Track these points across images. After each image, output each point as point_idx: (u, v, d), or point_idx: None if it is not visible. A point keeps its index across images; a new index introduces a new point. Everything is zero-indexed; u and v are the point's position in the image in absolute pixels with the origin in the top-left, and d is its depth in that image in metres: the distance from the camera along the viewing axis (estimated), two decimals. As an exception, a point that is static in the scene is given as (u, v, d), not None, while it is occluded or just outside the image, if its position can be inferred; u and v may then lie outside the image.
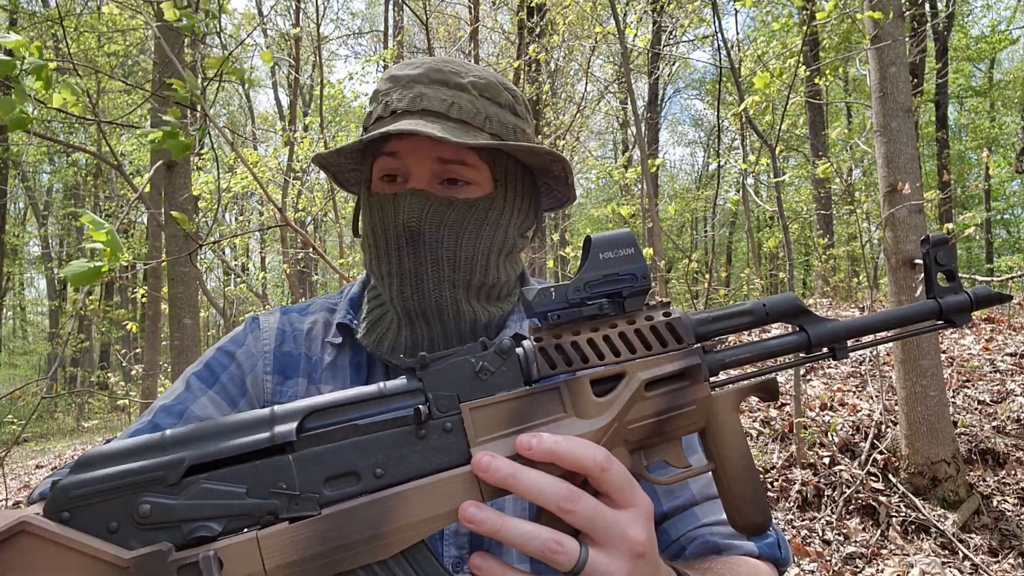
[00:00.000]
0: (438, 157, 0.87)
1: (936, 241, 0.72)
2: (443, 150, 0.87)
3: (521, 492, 0.57)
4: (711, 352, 0.68)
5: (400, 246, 0.87)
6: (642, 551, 0.59)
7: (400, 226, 0.86)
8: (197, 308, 5.07)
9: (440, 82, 0.90)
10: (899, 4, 3.95)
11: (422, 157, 0.88)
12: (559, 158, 0.92)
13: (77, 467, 0.53)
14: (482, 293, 0.91)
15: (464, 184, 0.89)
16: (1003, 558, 3.41)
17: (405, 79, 0.91)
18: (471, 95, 0.91)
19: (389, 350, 0.89)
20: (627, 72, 5.95)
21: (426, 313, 0.88)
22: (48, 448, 10.54)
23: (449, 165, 0.88)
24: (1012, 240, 19.64)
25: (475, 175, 0.89)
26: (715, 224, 11.10)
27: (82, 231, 19.89)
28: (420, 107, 0.87)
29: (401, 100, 0.89)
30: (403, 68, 0.94)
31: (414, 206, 0.86)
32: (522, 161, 0.96)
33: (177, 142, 2.03)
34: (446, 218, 0.87)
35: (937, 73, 11.65)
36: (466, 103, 0.89)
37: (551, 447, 0.58)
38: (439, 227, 0.87)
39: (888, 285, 3.99)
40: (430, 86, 0.90)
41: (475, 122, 0.89)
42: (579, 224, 17.79)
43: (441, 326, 0.88)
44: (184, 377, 0.93)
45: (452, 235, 0.87)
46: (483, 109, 0.90)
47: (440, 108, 0.87)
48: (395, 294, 0.88)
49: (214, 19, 2.32)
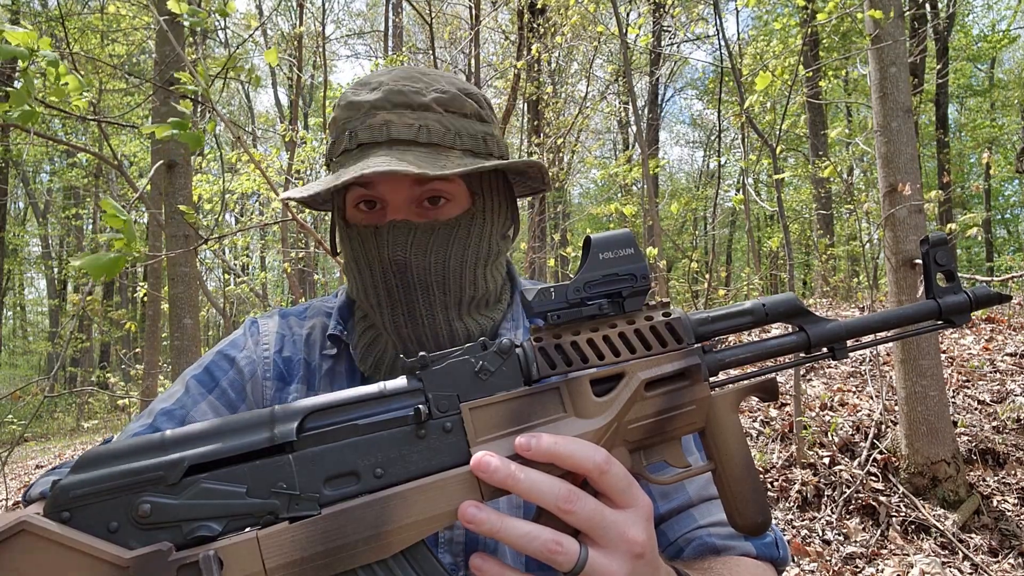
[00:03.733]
0: (414, 182, 0.85)
1: (935, 241, 0.72)
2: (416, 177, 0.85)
3: (521, 492, 0.57)
4: (711, 352, 0.68)
5: (388, 279, 0.86)
6: (641, 551, 0.59)
7: (386, 261, 0.84)
8: (197, 308, 5.07)
9: (402, 105, 0.86)
10: (899, 4, 3.94)
11: (397, 185, 0.85)
12: (533, 163, 0.91)
13: (77, 467, 0.53)
14: (472, 307, 0.90)
15: (444, 202, 0.87)
16: (1003, 558, 3.41)
17: (365, 106, 0.87)
18: (437, 113, 0.87)
19: (387, 372, 0.89)
20: (628, 72, 5.95)
21: (420, 339, 0.87)
22: (48, 448, 10.54)
23: (426, 184, 0.86)
24: (1012, 240, 19.63)
25: (453, 189, 0.87)
26: (715, 224, 11.10)
27: (82, 231, 19.90)
28: (387, 137, 0.84)
29: (365, 131, 0.85)
30: (360, 92, 0.89)
31: (398, 239, 0.84)
32: None
33: (189, 134, 2.02)
34: (431, 244, 0.85)
35: (937, 73, 11.64)
36: (434, 124, 0.86)
37: (549, 447, 0.58)
38: (425, 255, 0.85)
39: (888, 285, 3.99)
40: (393, 111, 0.86)
41: (445, 142, 0.86)
42: (579, 224, 17.77)
43: (437, 348, 0.87)
44: (183, 379, 0.92)
45: (439, 260, 0.86)
46: (451, 126, 0.87)
47: (408, 135, 0.84)
48: (388, 323, 0.87)
49: (223, 16, 2.32)
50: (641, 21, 6.96)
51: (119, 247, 1.69)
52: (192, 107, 2.16)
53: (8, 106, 1.81)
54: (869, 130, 5.57)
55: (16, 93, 1.80)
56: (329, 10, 19.58)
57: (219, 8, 2.32)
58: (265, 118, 17.72)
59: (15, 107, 1.80)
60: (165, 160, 4.78)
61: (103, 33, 10.51)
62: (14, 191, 20.39)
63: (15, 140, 13.02)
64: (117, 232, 1.71)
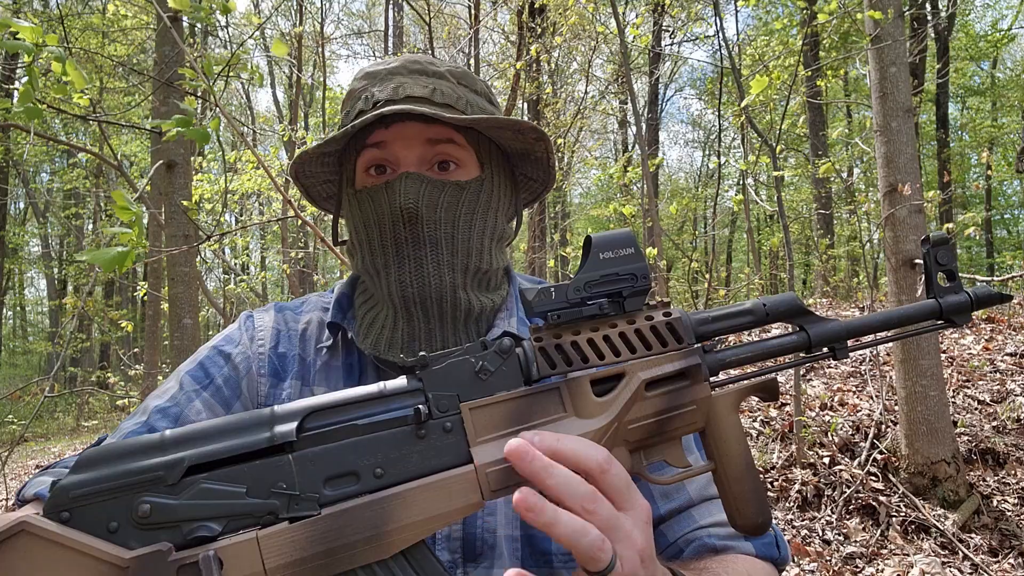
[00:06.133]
0: (427, 139, 0.87)
1: (936, 241, 0.72)
2: (431, 131, 0.87)
3: (549, 487, 0.56)
4: (711, 352, 0.68)
5: (397, 231, 0.86)
6: (644, 556, 0.60)
7: (397, 210, 0.85)
8: (197, 308, 5.07)
9: (418, 72, 0.91)
10: (899, 4, 3.94)
11: (410, 142, 0.87)
12: (542, 135, 0.93)
13: (77, 467, 0.53)
14: (476, 279, 0.91)
15: (455, 167, 0.89)
16: (1003, 558, 3.41)
17: (382, 73, 0.91)
18: (450, 82, 0.92)
19: (387, 347, 0.88)
20: (627, 72, 5.95)
21: (426, 302, 0.86)
22: (48, 448, 10.54)
23: (439, 146, 0.88)
24: (1012, 239, 19.63)
25: (463, 155, 0.90)
26: (715, 224, 11.10)
27: (82, 231, 19.89)
28: (403, 95, 0.88)
29: (382, 92, 0.89)
30: (376, 66, 0.94)
31: (409, 189, 0.85)
32: (502, 148, 0.96)
33: (195, 130, 2.02)
34: (441, 200, 0.86)
35: (937, 73, 11.64)
36: (447, 88, 0.90)
37: (552, 445, 0.58)
38: (435, 209, 0.86)
39: (888, 285, 3.99)
40: (409, 76, 0.90)
41: (458, 105, 0.89)
42: (579, 223, 17.78)
43: (439, 317, 0.88)
44: (177, 375, 0.91)
45: (448, 217, 0.87)
46: (463, 95, 0.91)
47: (423, 93, 0.88)
48: (394, 285, 0.87)
49: (224, 13, 2.32)
50: (640, 21, 6.95)
51: (125, 240, 1.68)
52: (195, 104, 2.16)
53: (10, 104, 1.81)
54: (869, 130, 5.57)
55: (24, 92, 1.80)
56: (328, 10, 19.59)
57: (220, 5, 2.32)
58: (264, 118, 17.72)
59: (21, 103, 1.80)
60: (165, 160, 4.78)
61: (104, 32, 10.51)
62: (14, 191, 20.39)
63: (15, 140, 13.02)
64: (125, 226, 1.69)
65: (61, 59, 1.81)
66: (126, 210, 1.60)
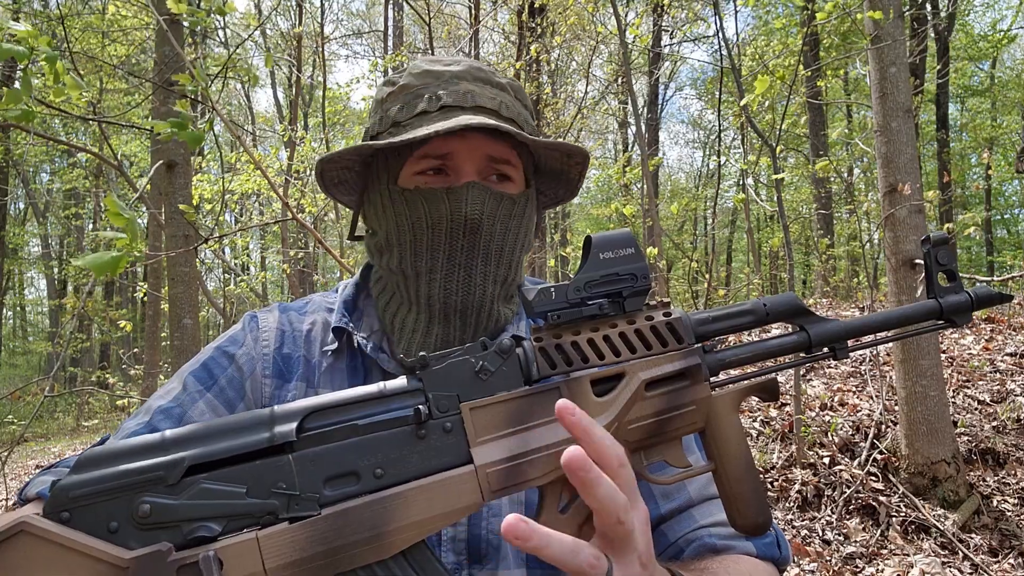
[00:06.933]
0: (488, 155, 0.87)
1: (937, 241, 0.72)
2: (494, 148, 0.87)
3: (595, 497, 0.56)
4: (711, 352, 0.68)
5: (454, 239, 0.85)
6: (645, 560, 0.60)
7: (460, 218, 0.84)
8: (197, 308, 5.07)
9: (483, 80, 0.90)
10: (899, 4, 3.94)
11: (474, 154, 0.87)
12: (586, 160, 0.94)
13: (77, 467, 0.53)
14: (507, 291, 0.92)
15: (508, 182, 0.90)
16: (1003, 558, 3.41)
17: (447, 75, 0.90)
18: (511, 96, 0.92)
19: (419, 351, 0.86)
20: (627, 72, 5.95)
21: (467, 311, 0.86)
22: (48, 448, 10.54)
23: (496, 164, 0.88)
24: (1012, 239, 19.63)
25: (515, 173, 0.90)
26: (715, 224, 11.10)
27: (82, 231, 19.89)
28: (473, 103, 0.87)
29: (449, 95, 0.88)
30: (436, 64, 0.92)
31: (475, 199, 0.84)
32: (537, 164, 0.97)
33: (189, 133, 2.03)
34: (499, 212, 0.87)
35: (937, 73, 11.64)
36: (510, 103, 0.91)
37: (587, 426, 0.58)
38: (494, 221, 0.86)
39: (888, 285, 3.99)
40: (475, 83, 0.89)
41: (519, 120, 0.90)
42: (579, 223, 17.79)
43: (475, 326, 0.87)
44: (180, 376, 0.90)
45: (503, 230, 0.87)
46: (521, 111, 0.92)
47: (492, 105, 0.88)
48: (437, 291, 0.86)
49: (222, 15, 2.32)
50: (638, 21, 6.94)
51: (121, 245, 1.68)
52: (191, 106, 2.16)
53: (6, 106, 1.81)
54: (869, 130, 5.57)
55: (11, 92, 1.80)
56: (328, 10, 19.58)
57: (218, 8, 2.32)
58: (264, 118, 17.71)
59: (11, 106, 1.79)
60: (165, 160, 4.78)
61: (103, 33, 10.50)
62: (14, 191, 20.38)
63: (15, 140, 13.02)
64: (120, 231, 1.70)
65: (53, 60, 1.81)
66: (119, 215, 1.60)
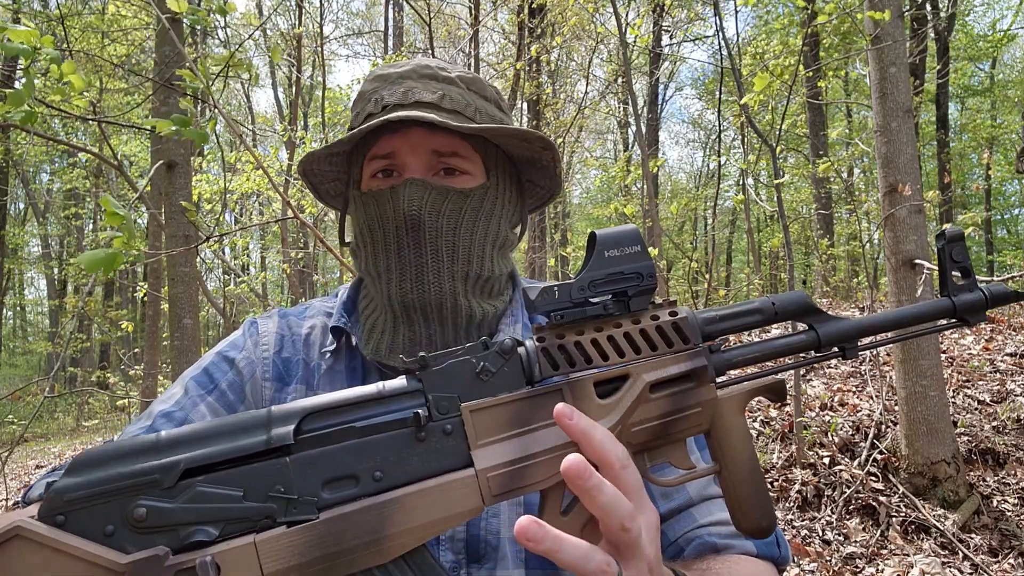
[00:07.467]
0: (433, 149, 0.88)
1: (952, 237, 0.70)
2: (438, 142, 0.88)
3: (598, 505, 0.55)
4: (718, 352, 0.66)
5: (400, 237, 0.87)
6: (652, 565, 0.59)
7: (400, 216, 0.86)
8: (197, 308, 5.06)
9: (429, 76, 0.91)
10: (899, 4, 3.94)
11: (417, 150, 0.88)
12: (550, 145, 0.93)
13: (72, 469, 0.52)
14: (478, 287, 0.91)
15: (460, 174, 0.90)
16: (1003, 558, 3.40)
17: (393, 76, 0.92)
18: (460, 88, 0.92)
19: (387, 351, 0.88)
20: (628, 72, 5.95)
21: (426, 308, 0.87)
22: (48, 448, 10.53)
23: (443, 157, 0.88)
24: (1012, 239, 19.64)
25: (469, 165, 0.90)
26: (715, 224, 11.09)
27: (82, 231, 19.88)
28: (412, 100, 0.88)
29: (392, 95, 0.89)
30: (387, 68, 0.95)
31: (413, 195, 0.85)
32: (509, 154, 0.96)
33: (193, 130, 2.03)
34: (444, 207, 0.87)
35: (937, 73, 11.63)
36: (456, 95, 0.90)
37: (587, 429, 0.57)
38: (438, 216, 0.86)
39: (888, 285, 3.98)
40: (419, 80, 0.91)
41: (467, 112, 0.90)
42: (579, 223, 17.78)
43: (439, 323, 0.88)
44: (182, 381, 0.92)
45: (450, 224, 0.87)
46: (472, 101, 0.92)
47: (432, 99, 0.88)
48: (394, 290, 0.87)
49: (222, 14, 2.32)
50: (640, 21, 6.93)
51: (118, 245, 1.69)
52: (193, 104, 2.16)
53: (7, 107, 1.80)
54: (869, 130, 5.57)
55: (14, 94, 1.79)
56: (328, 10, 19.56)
57: (218, 7, 2.32)
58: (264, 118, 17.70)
59: (14, 107, 1.79)
60: (165, 160, 4.77)
61: (103, 33, 10.49)
62: (14, 191, 20.37)
63: (15, 140, 13.01)
64: (117, 230, 1.70)
65: (57, 61, 1.81)
66: (115, 215, 1.60)
